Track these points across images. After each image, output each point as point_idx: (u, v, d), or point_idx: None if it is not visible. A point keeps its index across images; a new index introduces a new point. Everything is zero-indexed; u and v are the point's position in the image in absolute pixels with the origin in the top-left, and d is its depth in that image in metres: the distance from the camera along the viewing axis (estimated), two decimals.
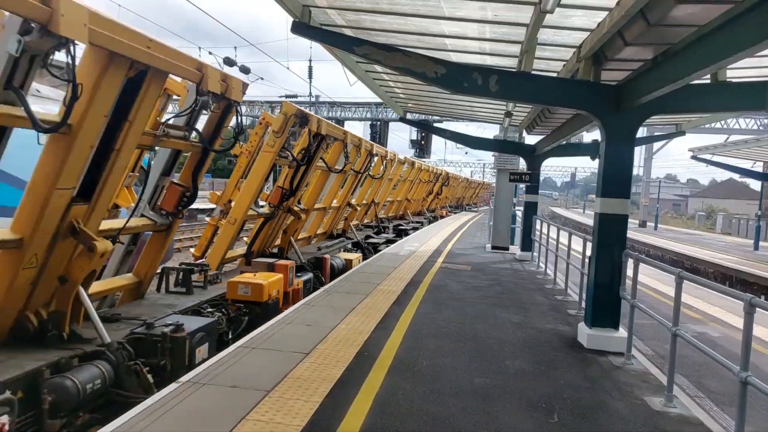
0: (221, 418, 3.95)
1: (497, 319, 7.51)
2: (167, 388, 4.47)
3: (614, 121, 6.37)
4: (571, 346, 6.39)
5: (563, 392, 4.91)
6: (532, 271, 12.27)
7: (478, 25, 7.31)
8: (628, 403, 4.75)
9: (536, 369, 5.51)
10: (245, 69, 28.77)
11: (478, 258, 14.15)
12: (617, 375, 5.50)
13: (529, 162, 14.91)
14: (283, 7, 6.77)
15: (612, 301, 6.36)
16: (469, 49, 8.69)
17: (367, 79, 11.66)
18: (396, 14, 7.20)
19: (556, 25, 6.64)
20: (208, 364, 5.06)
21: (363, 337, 6.18)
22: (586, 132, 12.58)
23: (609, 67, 6.94)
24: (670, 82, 5.22)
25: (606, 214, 6.41)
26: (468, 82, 6.64)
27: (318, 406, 4.26)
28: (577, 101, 6.80)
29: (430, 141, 40.50)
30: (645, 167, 43.41)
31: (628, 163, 6.52)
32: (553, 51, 7.94)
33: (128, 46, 4.62)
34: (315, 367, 5.10)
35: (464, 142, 17.18)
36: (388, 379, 4.92)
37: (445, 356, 5.72)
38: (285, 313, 7.18)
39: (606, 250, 6.39)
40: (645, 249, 25.69)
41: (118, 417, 3.96)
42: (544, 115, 12.07)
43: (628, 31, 5.58)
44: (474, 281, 10.42)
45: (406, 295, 8.62)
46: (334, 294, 8.48)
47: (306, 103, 48.61)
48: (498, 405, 4.52)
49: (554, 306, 8.63)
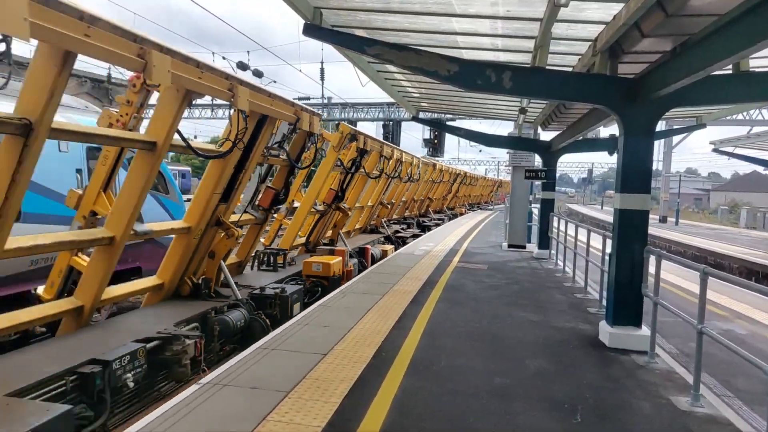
0: (243, 419, 3.95)
1: (515, 318, 7.43)
2: (190, 389, 4.49)
3: (632, 115, 6.25)
4: (592, 345, 6.29)
5: (585, 392, 4.82)
6: (550, 269, 12.13)
7: (490, 22, 7.24)
8: (653, 403, 4.65)
9: (556, 368, 5.43)
10: (258, 73, 28.93)
11: (494, 257, 14.04)
12: (641, 374, 5.39)
13: (545, 158, 14.75)
14: (295, 9, 6.77)
15: (634, 299, 6.24)
16: (482, 45, 8.62)
17: (378, 80, 11.63)
18: (407, 13, 7.16)
19: (571, 19, 6.54)
20: (228, 365, 5.08)
21: (380, 337, 6.16)
22: (603, 127, 12.40)
23: (626, 60, 6.82)
24: (690, 73, 5.10)
25: (626, 210, 6.30)
26: (481, 79, 6.58)
27: (337, 406, 4.24)
28: (594, 96, 6.69)
29: (443, 140, 40.27)
30: (665, 161, 42.67)
31: (647, 158, 6.40)
32: (568, 45, 7.83)
33: (270, 110, 7.09)
34: (333, 368, 5.09)
35: (478, 140, 17.07)
36: (406, 380, 4.89)
37: (463, 356, 5.67)
38: (301, 314, 7.19)
39: (627, 246, 6.28)
40: (666, 245, 25.25)
41: (142, 418, 4.00)
42: (560, 110, 11.93)
43: (645, 23, 5.48)
44: (491, 280, 10.33)
45: (423, 295, 8.58)
46: (350, 295, 8.47)
47: (318, 105, 48.73)
48: (518, 405, 4.46)
49: (574, 304, 8.51)
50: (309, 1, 6.89)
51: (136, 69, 4.78)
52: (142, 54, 4.67)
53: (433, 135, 38.60)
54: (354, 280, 10.03)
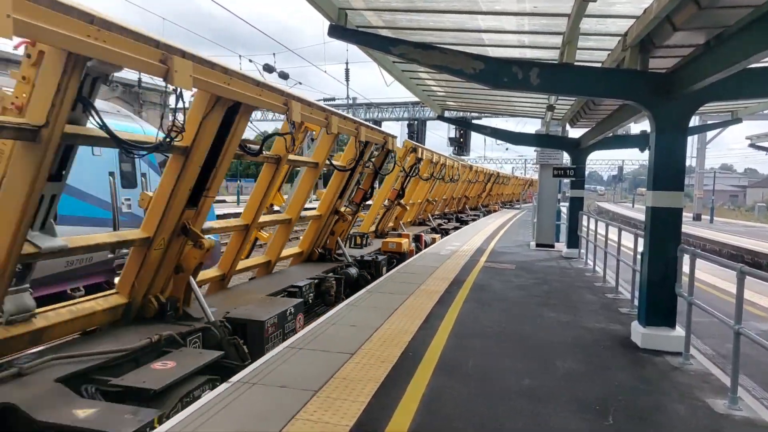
0: (272, 417, 4.00)
1: (544, 318, 7.33)
2: (220, 388, 4.57)
3: (665, 111, 6.10)
4: (624, 346, 6.17)
5: (617, 394, 4.73)
6: (579, 269, 11.93)
7: (516, 18, 7.16)
8: (688, 405, 4.53)
9: (587, 370, 5.34)
10: (284, 75, 29.23)
11: (522, 256, 13.88)
12: (675, 376, 5.26)
13: (574, 156, 14.51)
14: (320, 11, 6.82)
15: (667, 299, 6.09)
16: (508, 42, 8.53)
17: (404, 79, 11.63)
18: (432, 12, 7.14)
19: (600, 14, 6.42)
20: (258, 364, 5.15)
21: (407, 337, 6.15)
22: (634, 123, 12.13)
23: (657, 55, 6.66)
24: (725, 67, 4.94)
25: (658, 207, 6.15)
26: (508, 76, 6.50)
27: (365, 406, 4.26)
28: (624, 91, 6.55)
29: (468, 138, 40.00)
30: (698, 157, 41.50)
31: (680, 154, 6.23)
32: (597, 41, 7.69)
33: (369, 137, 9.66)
34: (361, 368, 5.11)
35: (505, 138, 16.88)
36: (434, 380, 4.87)
37: (492, 357, 5.62)
38: (328, 314, 7.24)
39: (659, 245, 6.13)
40: (701, 243, 24.58)
41: (172, 417, 4.08)
42: (589, 107, 11.72)
43: (677, 16, 5.33)
44: (519, 280, 10.21)
45: (450, 295, 8.54)
46: (377, 294, 8.48)
47: (344, 105, 48.95)
48: (548, 407, 4.40)
49: (605, 304, 8.35)
50: (334, 2, 6.92)
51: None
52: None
53: (459, 134, 38.40)
54: (380, 280, 10.05)
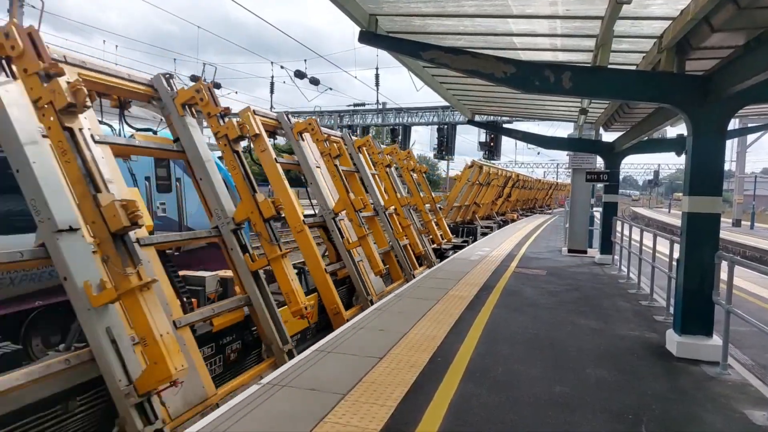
0: (301, 420, 4.05)
1: (576, 325, 7.21)
2: (250, 389, 4.65)
3: (702, 114, 5.95)
4: (659, 355, 6.01)
5: (651, 403, 4.62)
6: (612, 276, 11.68)
7: (548, 21, 7.09)
8: (725, 417, 4.39)
9: (620, 378, 5.23)
10: (315, 81, 29.54)
11: (553, 262, 13.67)
12: (712, 386, 5.10)
13: (608, 160, 14.22)
14: (350, 17, 6.89)
15: (704, 307, 5.92)
16: (540, 46, 8.44)
17: (434, 84, 11.62)
18: (462, 16, 7.12)
19: (634, 16, 6.31)
20: (287, 367, 5.22)
21: (435, 342, 6.14)
22: (670, 126, 11.83)
23: (694, 57, 6.49)
24: (766, 68, 4.80)
25: (695, 213, 5.99)
26: (539, 80, 6.44)
27: (393, 410, 4.27)
28: (660, 95, 6.40)
29: (499, 142, 39.68)
30: (738, 162, 40.10)
31: (718, 158, 6.05)
32: (631, 43, 7.54)
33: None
34: (389, 372, 5.12)
35: (537, 142, 16.68)
36: (462, 386, 4.85)
37: (521, 363, 5.55)
38: (356, 318, 7.27)
39: (696, 251, 5.97)
40: (740, 250, 23.75)
41: (206, 416, 4.17)
42: (623, 110, 11.49)
43: (715, 17, 5.20)
44: (550, 286, 10.07)
45: (479, 301, 8.47)
46: (405, 299, 8.48)
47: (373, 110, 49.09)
48: (579, 415, 4.33)
49: (638, 312, 8.16)
50: (364, 8, 6.98)
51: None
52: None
53: (489, 138, 38.09)
54: (408, 284, 10.05)
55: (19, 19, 17.62)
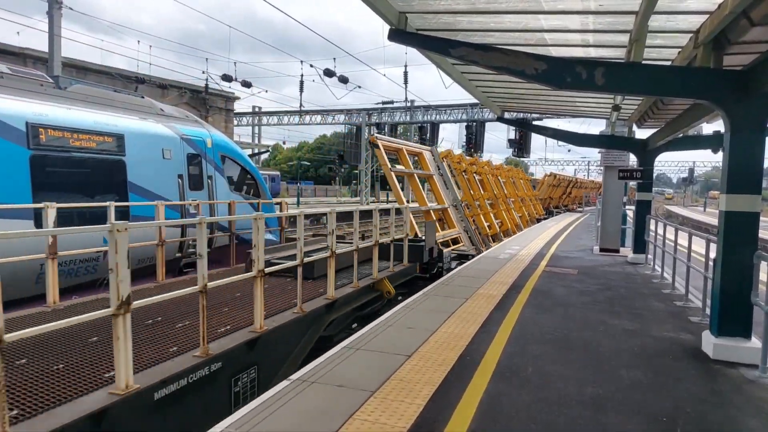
0: (330, 416, 4.10)
1: (608, 325, 7.09)
2: (280, 385, 4.72)
3: (741, 110, 5.77)
4: (694, 357, 5.87)
5: (686, 406, 4.52)
6: (646, 275, 11.43)
7: (580, 17, 6.98)
8: (764, 421, 4.27)
9: (654, 380, 5.13)
10: (344, 79, 29.71)
11: (584, 261, 13.45)
12: (750, 389, 4.96)
13: (641, 157, 13.91)
14: (380, 15, 6.92)
15: (742, 308, 5.76)
16: (571, 42, 8.33)
17: (463, 81, 11.57)
18: (493, 13, 7.08)
19: (669, 10, 6.18)
20: (316, 363, 5.28)
21: (464, 341, 6.12)
22: (706, 123, 11.53)
23: (732, 51, 6.32)
24: None
25: (733, 212, 5.82)
26: (571, 76, 6.35)
27: (422, 408, 4.28)
28: (697, 90, 6.23)
29: (528, 140, 39.28)
30: None
31: (758, 155, 5.86)
32: (666, 38, 7.38)
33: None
34: (417, 370, 5.14)
35: (567, 139, 16.43)
36: (491, 385, 4.83)
37: (552, 364, 5.50)
38: (385, 315, 7.31)
39: (734, 251, 5.81)
40: None
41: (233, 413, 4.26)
42: (657, 106, 11.23)
43: (755, 11, 5.05)
44: (581, 285, 9.92)
45: (508, 300, 8.41)
46: (433, 297, 8.48)
47: (402, 108, 49.03)
48: (612, 417, 4.27)
49: (673, 313, 7.98)
50: (394, 6, 7.00)
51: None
52: None
53: (519, 135, 37.69)
54: (436, 283, 10.04)
55: (57, 20, 18.22)
